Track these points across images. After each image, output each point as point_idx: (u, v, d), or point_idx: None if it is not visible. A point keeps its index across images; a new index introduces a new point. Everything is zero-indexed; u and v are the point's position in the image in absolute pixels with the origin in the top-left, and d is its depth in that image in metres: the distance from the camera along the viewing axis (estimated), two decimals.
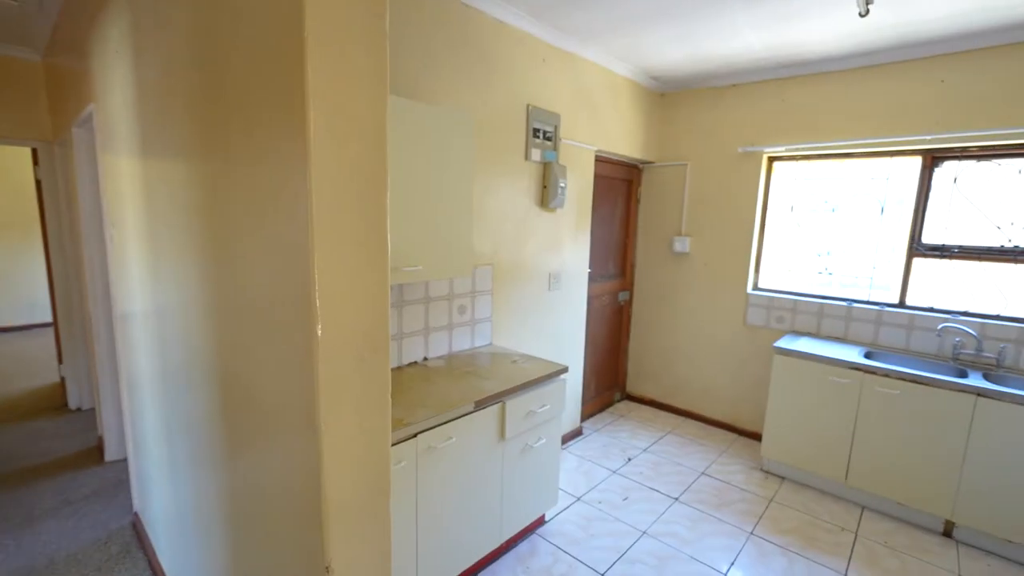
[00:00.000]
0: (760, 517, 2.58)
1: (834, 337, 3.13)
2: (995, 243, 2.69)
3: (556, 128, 2.80)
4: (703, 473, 3.01)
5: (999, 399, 2.28)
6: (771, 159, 3.37)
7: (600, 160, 3.37)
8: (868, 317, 3.01)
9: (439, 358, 2.35)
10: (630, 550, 2.29)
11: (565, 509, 2.59)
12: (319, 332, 0.90)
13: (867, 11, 2.12)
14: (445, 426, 1.74)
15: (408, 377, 2.08)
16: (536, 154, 2.70)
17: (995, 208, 2.69)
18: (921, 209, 2.87)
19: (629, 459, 3.14)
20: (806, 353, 2.81)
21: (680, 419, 3.80)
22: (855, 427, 2.67)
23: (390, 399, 1.05)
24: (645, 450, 3.27)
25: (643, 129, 3.60)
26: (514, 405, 2.02)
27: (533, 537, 2.35)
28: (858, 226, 3.11)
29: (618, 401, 4.13)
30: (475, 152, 2.28)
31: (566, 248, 3.06)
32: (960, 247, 2.77)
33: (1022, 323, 2.59)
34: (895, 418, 2.54)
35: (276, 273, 1.01)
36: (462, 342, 2.48)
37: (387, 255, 0.99)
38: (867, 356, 2.82)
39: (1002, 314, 2.67)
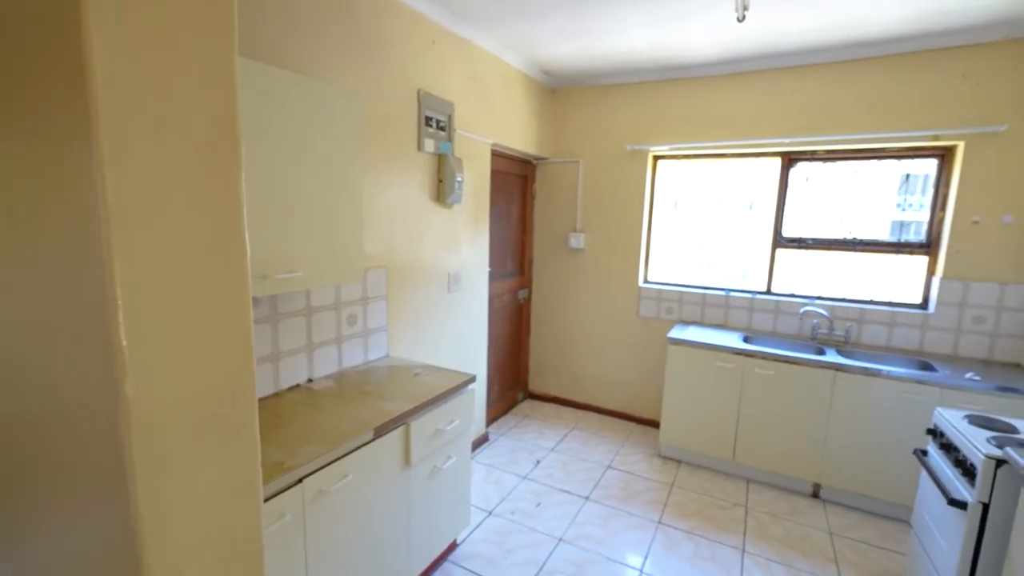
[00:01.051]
0: (665, 504, 2.65)
1: (716, 324, 3.37)
2: (839, 235, 3.07)
3: (450, 118, 2.60)
4: (609, 467, 3.04)
5: (851, 372, 2.59)
6: (656, 157, 3.52)
7: (496, 155, 3.24)
8: (743, 304, 3.28)
9: (328, 378, 2.02)
10: (548, 561, 2.19)
11: (478, 526, 2.42)
12: (128, 391, 0.60)
13: (744, 16, 2.23)
14: (339, 463, 1.46)
15: (289, 405, 1.74)
16: (430, 145, 2.47)
17: (838, 204, 3.07)
18: (781, 205, 3.19)
19: (538, 462, 3.07)
20: (695, 342, 2.97)
21: (582, 413, 3.84)
22: (739, 408, 2.88)
23: (259, 451, 0.78)
24: (552, 450, 3.23)
25: (537, 124, 3.54)
26: (420, 426, 1.79)
27: (446, 565, 2.14)
28: (732, 221, 3.37)
29: (521, 401, 4.06)
30: (362, 139, 1.99)
31: (465, 246, 2.87)
32: (813, 239, 3.13)
33: (861, 304, 2.99)
34: (771, 396, 2.78)
35: (51, 294, 0.68)
36: (354, 356, 2.17)
37: (246, 261, 0.72)
38: (745, 340, 3.06)
39: (847, 297, 3.06)
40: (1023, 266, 2.58)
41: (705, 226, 3.47)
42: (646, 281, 3.65)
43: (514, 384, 3.94)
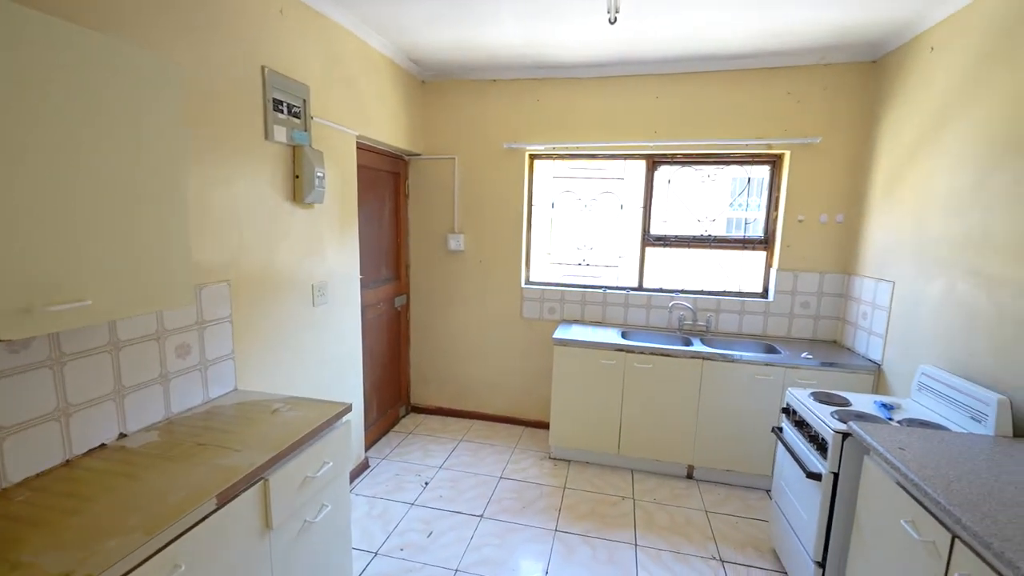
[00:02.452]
0: (559, 510, 2.61)
1: (595, 322, 3.45)
2: (697, 233, 3.34)
3: (305, 103, 2.22)
4: (501, 477, 2.92)
5: (714, 360, 2.81)
6: (532, 156, 3.49)
7: (363, 148, 2.91)
8: (619, 301, 3.41)
9: (150, 429, 1.56)
10: None
11: (362, 574, 2.11)
12: None
13: (615, 19, 2.25)
14: (165, 552, 1.09)
15: (88, 477, 1.28)
16: (281, 133, 2.08)
17: (695, 204, 3.34)
18: (648, 206, 3.37)
19: (426, 483, 2.83)
20: (579, 341, 2.99)
21: (469, 422, 3.69)
22: (622, 402, 2.97)
23: None
24: (441, 467, 3.02)
25: (407, 117, 3.27)
26: (282, 478, 1.45)
27: None
28: (606, 220, 3.48)
29: (404, 416, 3.76)
30: (187, 122, 1.56)
31: (331, 252, 2.51)
32: (676, 236, 3.36)
33: (717, 295, 3.29)
34: (650, 388, 2.91)
35: None
36: (189, 397, 1.72)
37: None
38: (623, 336, 3.17)
39: (706, 289, 3.35)
40: (836, 258, 3.05)
41: (581, 226, 3.53)
42: (528, 282, 3.61)
43: (395, 399, 3.63)
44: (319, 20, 2.31)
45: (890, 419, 1.92)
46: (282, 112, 2.09)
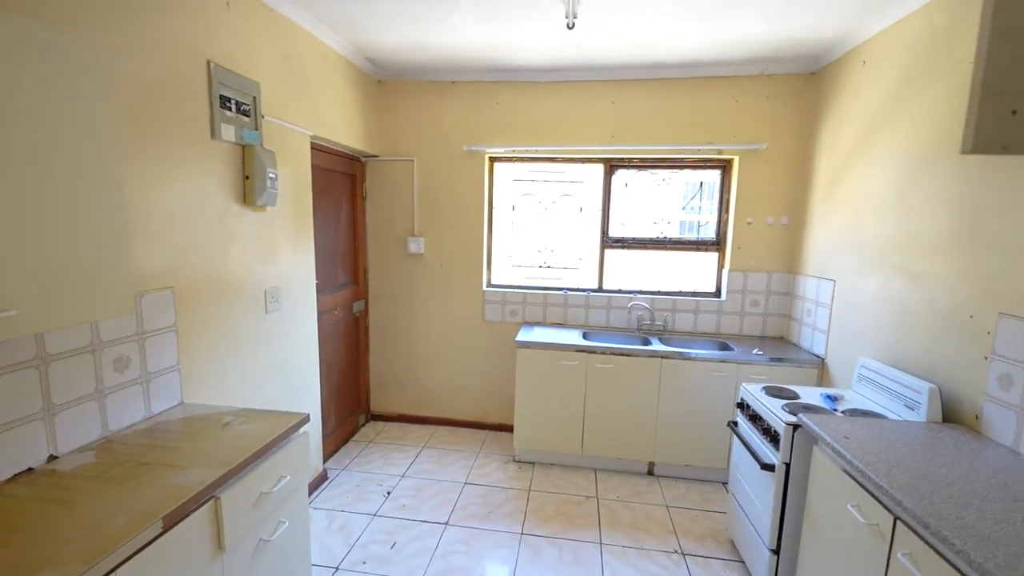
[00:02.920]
0: (525, 513, 2.61)
1: (557, 323, 3.48)
2: (653, 235, 3.44)
3: (256, 100, 2.13)
4: (466, 483, 2.89)
5: (672, 358, 2.89)
6: (492, 159, 3.49)
7: (317, 149, 2.81)
8: (580, 303, 3.46)
9: (85, 450, 1.44)
10: None
11: None
12: None
13: (573, 24, 2.29)
14: None
15: (12, 506, 1.16)
16: (229, 132, 1.98)
17: (652, 207, 3.43)
18: (606, 208, 3.44)
19: (388, 493, 2.76)
20: (541, 343, 3.01)
21: (432, 428, 3.63)
22: (585, 402, 3.00)
23: None
24: (403, 476, 2.95)
25: (363, 117, 3.20)
26: (235, 496, 1.37)
27: None
28: (566, 223, 3.52)
29: (364, 425, 3.66)
30: (127, 118, 1.45)
31: (285, 256, 2.41)
32: (634, 238, 3.44)
33: (673, 295, 3.39)
34: (611, 388, 2.96)
35: None
36: (128, 413, 1.60)
37: None
38: (584, 336, 3.22)
39: (662, 289, 3.44)
40: (782, 258, 3.21)
41: (542, 228, 3.56)
42: (490, 284, 3.60)
43: (354, 408, 3.52)
44: (270, 15, 2.22)
45: (835, 410, 2.03)
46: (230, 110, 1.99)
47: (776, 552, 1.96)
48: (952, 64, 1.90)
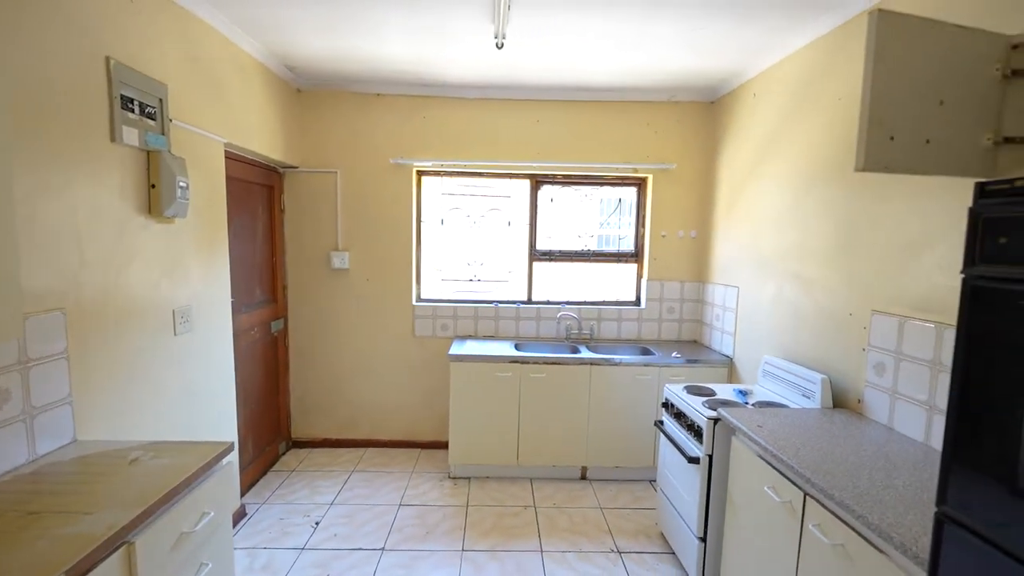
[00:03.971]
0: (464, 529, 2.57)
1: (488, 336, 3.50)
2: (579, 248, 3.60)
3: (163, 103, 1.95)
4: (401, 504, 2.79)
5: (600, 364, 3.03)
6: (419, 172, 3.47)
7: (232, 158, 2.63)
8: (510, 315, 3.51)
9: None
10: None
11: None
12: None
13: (503, 44, 2.37)
14: None
15: None
16: (132, 135, 1.79)
17: (576, 221, 3.60)
18: (533, 223, 3.55)
19: (317, 523, 2.58)
20: (475, 355, 3.01)
21: (361, 451, 3.46)
22: (520, 413, 3.04)
23: None
24: (332, 504, 2.78)
25: (282, 126, 3.04)
26: (151, 539, 1.22)
27: None
28: (495, 236, 3.58)
29: (284, 453, 3.40)
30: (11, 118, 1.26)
31: (196, 273, 2.20)
32: (560, 251, 3.58)
33: (598, 305, 3.56)
34: (545, 396, 3.03)
35: None
36: (7, 456, 1.36)
37: None
38: (516, 348, 3.27)
39: (588, 300, 3.60)
40: (693, 268, 3.50)
41: (471, 242, 3.58)
42: (419, 299, 3.54)
43: (273, 435, 3.27)
44: (179, 13, 2.06)
45: (746, 403, 2.25)
46: (133, 111, 1.81)
47: (703, 540, 2.11)
48: (826, 99, 2.23)
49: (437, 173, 3.47)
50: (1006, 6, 1.42)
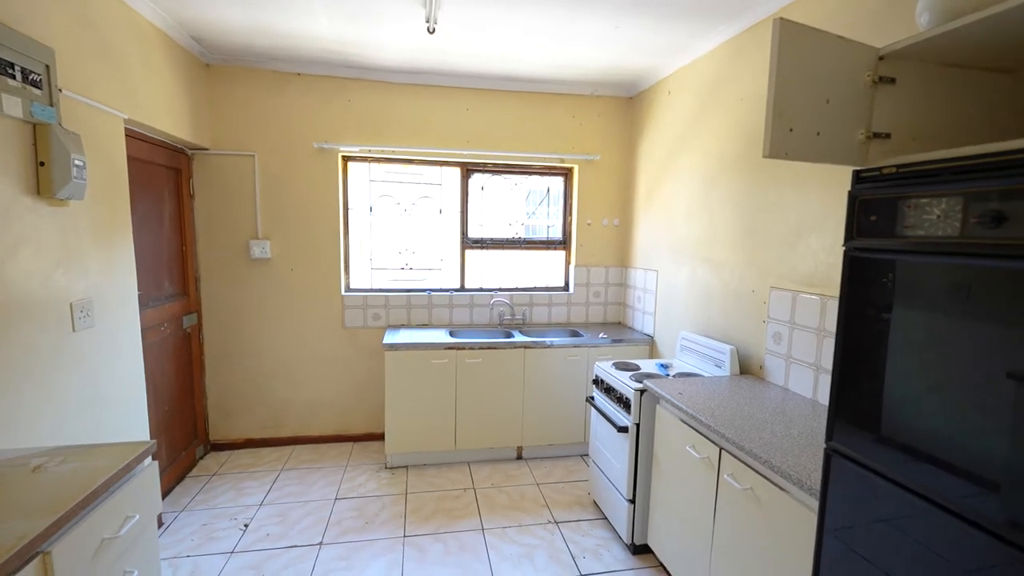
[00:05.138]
0: (405, 516, 2.57)
1: (422, 324, 3.49)
2: (509, 235, 3.68)
3: (49, 70, 1.73)
4: (336, 498, 2.72)
5: (533, 347, 3.14)
6: (345, 158, 3.35)
7: (133, 137, 2.38)
8: (444, 302, 3.52)
9: None
10: None
11: None
12: None
13: (434, 28, 2.36)
14: None
15: None
16: (13, 105, 1.57)
17: (507, 209, 3.67)
18: (465, 210, 3.57)
19: (246, 526, 2.45)
20: (410, 343, 2.99)
21: (289, 449, 3.31)
22: (456, 398, 3.07)
23: None
24: (262, 504, 2.65)
25: (189, 104, 2.79)
26: (70, 547, 1.12)
27: None
28: (426, 225, 3.55)
29: (202, 457, 3.17)
30: None
31: (96, 262, 1.99)
32: (492, 239, 3.64)
33: (530, 291, 3.67)
34: (480, 381, 3.09)
35: None
36: None
37: None
38: (451, 335, 3.29)
39: (520, 286, 3.70)
40: (616, 254, 3.72)
41: (402, 230, 3.53)
42: (349, 289, 3.44)
43: (189, 439, 3.03)
44: None
45: (668, 375, 2.46)
46: (13, 77, 1.59)
47: (632, 501, 2.29)
48: (731, 99, 2.47)
49: (365, 159, 3.37)
50: (879, 19, 1.69)
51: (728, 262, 2.50)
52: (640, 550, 2.30)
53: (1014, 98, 1.12)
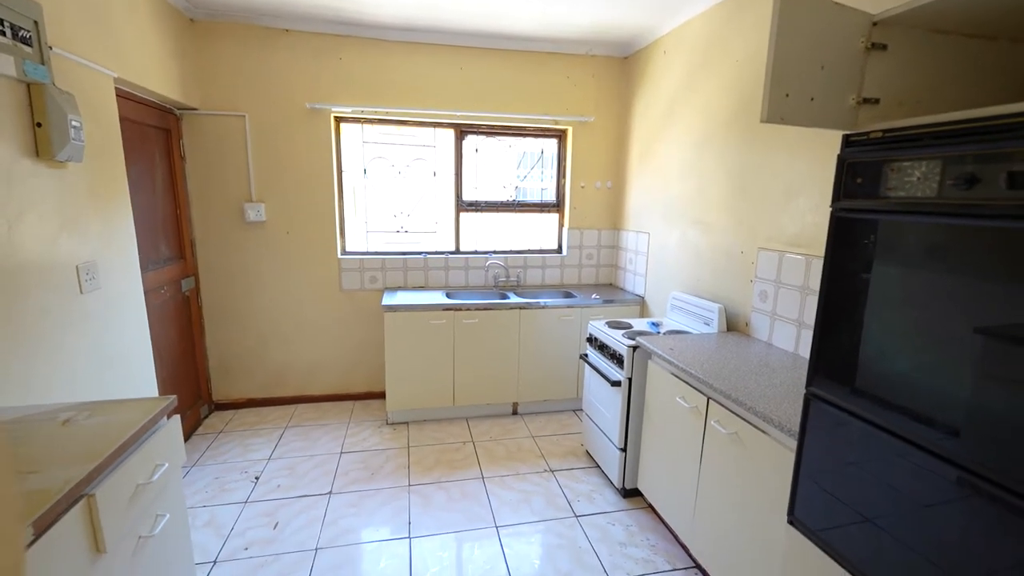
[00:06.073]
0: (408, 467, 2.71)
1: (419, 286, 3.55)
2: (504, 198, 3.70)
3: (38, 26, 1.68)
4: (342, 452, 2.85)
5: (529, 308, 3.23)
6: (338, 119, 3.30)
7: (123, 97, 2.33)
8: (439, 265, 3.57)
9: None
10: None
11: None
12: None
13: None
14: None
15: None
16: (6, 64, 1.55)
17: (501, 172, 3.68)
18: (459, 173, 3.57)
19: (257, 478, 2.57)
20: (408, 304, 3.06)
21: (292, 408, 3.42)
22: (454, 357, 3.18)
23: None
24: (270, 459, 2.77)
25: (176, 62, 2.72)
26: (110, 492, 1.20)
27: None
28: (421, 187, 3.56)
29: (207, 416, 3.26)
30: None
31: (97, 225, 1.99)
32: (487, 202, 3.66)
33: (524, 254, 3.73)
34: (477, 341, 3.19)
35: None
36: None
37: None
38: (448, 296, 3.36)
39: (515, 249, 3.76)
40: (609, 216, 3.78)
41: (396, 193, 3.53)
42: (345, 252, 3.47)
43: (193, 399, 3.11)
44: None
45: (659, 332, 2.58)
46: (3, 34, 1.55)
47: (624, 450, 2.44)
48: (727, 61, 2.48)
49: (357, 120, 3.33)
50: None
51: (718, 223, 2.58)
52: (630, 493, 2.47)
53: (995, 65, 1.18)
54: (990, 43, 1.16)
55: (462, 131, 3.51)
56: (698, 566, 2.01)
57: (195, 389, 3.14)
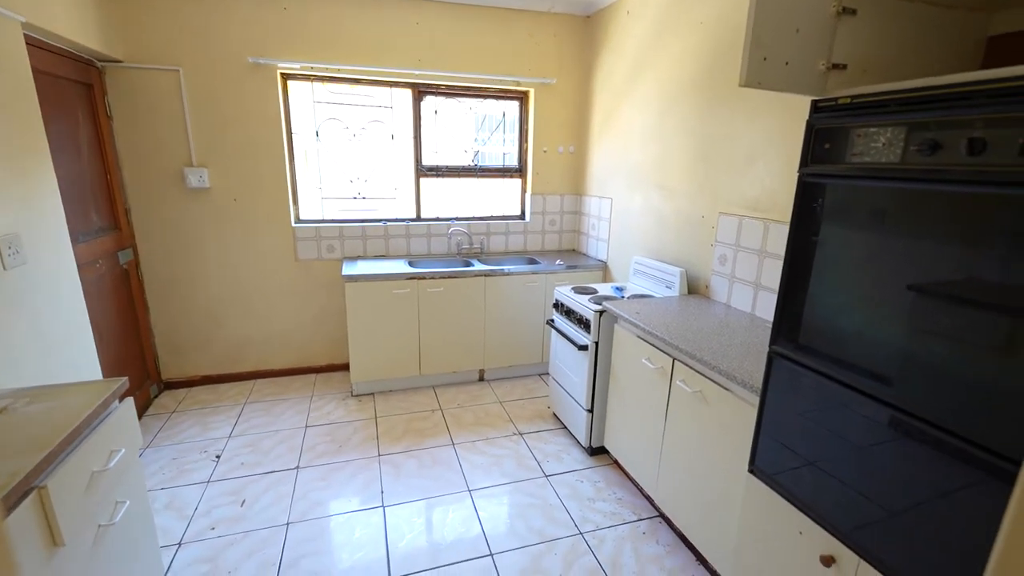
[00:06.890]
0: (377, 438, 2.70)
1: (379, 255, 3.45)
2: (465, 163, 3.60)
3: None
4: (307, 426, 2.79)
5: (493, 275, 3.22)
6: (285, 76, 3.07)
7: (34, 45, 2.05)
8: (400, 232, 3.47)
9: None
10: (285, 554, 1.90)
11: (169, 568, 1.81)
12: None
13: None
14: None
15: None
16: None
17: (461, 135, 3.56)
18: (418, 136, 3.43)
19: (218, 457, 2.49)
20: (370, 275, 2.97)
21: (250, 383, 3.30)
22: (419, 326, 3.14)
23: None
24: (231, 436, 2.67)
25: (96, 8, 2.42)
26: (62, 481, 1.12)
27: None
28: (378, 151, 3.40)
29: (157, 396, 3.09)
30: None
31: (16, 191, 1.79)
32: (447, 167, 3.55)
33: (487, 220, 3.68)
34: (442, 309, 3.16)
35: None
36: None
37: None
38: (410, 265, 3.29)
39: (476, 215, 3.69)
40: (571, 181, 3.76)
41: (352, 157, 3.36)
42: (299, 220, 3.29)
43: (140, 379, 2.93)
44: None
45: (623, 296, 2.63)
46: None
47: (591, 411, 2.52)
48: (691, 23, 2.46)
49: (307, 77, 3.10)
50: None
51: (680, 188, 2.62)
52: (597, 452, 2.57)
53: (953, 33, 1.22)
54: (948, 11, 1.20)
55: (420, 91, 3.35)
56: (662, 515, 2.14)
57: (141, 368, 2.96)
